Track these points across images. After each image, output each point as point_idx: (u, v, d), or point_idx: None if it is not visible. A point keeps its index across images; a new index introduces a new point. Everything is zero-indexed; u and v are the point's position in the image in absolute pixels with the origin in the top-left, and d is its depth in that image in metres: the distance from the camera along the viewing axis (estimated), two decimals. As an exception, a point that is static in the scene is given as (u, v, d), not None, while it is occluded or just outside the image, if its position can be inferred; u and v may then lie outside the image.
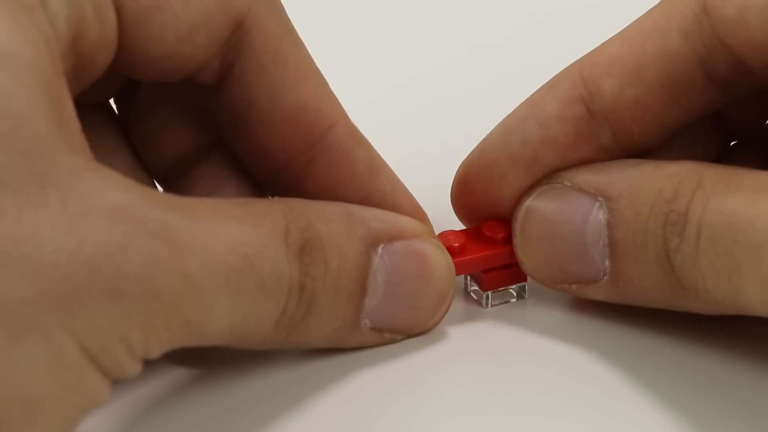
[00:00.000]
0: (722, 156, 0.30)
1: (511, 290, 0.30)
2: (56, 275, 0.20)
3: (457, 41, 0.48)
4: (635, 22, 0.27)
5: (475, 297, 0.30)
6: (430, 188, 0.30)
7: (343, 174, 0.27)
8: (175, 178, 0.29)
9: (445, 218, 0.30)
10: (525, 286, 0.30)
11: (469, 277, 0.30)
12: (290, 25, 0.27)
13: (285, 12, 0.27)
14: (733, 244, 0.24)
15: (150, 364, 0.22)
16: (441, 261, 0.28)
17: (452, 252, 0.28)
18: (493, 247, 0.29)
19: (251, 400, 0.26)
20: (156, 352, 0.22)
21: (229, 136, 0.28)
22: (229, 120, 0.27)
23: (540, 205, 0.28)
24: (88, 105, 0.27)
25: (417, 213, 0.29)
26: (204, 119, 0.29)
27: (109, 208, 0.21)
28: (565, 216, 0.27)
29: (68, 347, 0.20)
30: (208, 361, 0.27)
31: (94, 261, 0.20)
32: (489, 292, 0.30)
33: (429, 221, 0.29)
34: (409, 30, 0.49)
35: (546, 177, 0.28)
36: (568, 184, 0.28)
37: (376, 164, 0.28)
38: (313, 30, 0.28)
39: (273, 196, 0.29)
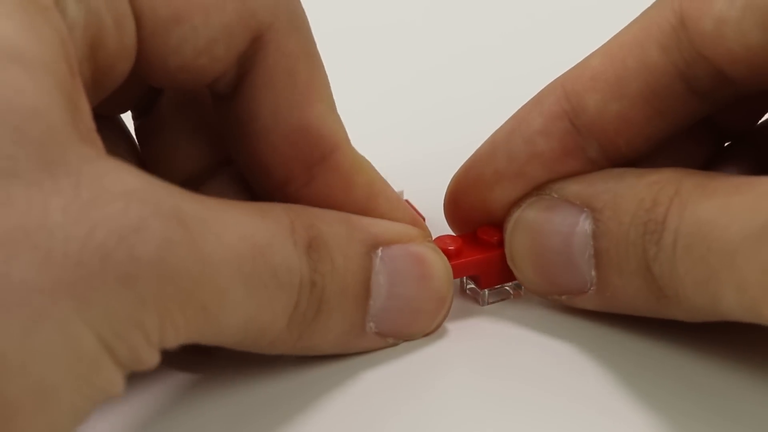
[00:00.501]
0: (716, 157, 0.30)
1: (507, 287, 0.30)
2: (68, 263, 0.19)
3: (455, 41, 0.47)
4: (616, 36, 0.27)
5: (471, 294, 0.30)
6: (429, 191, 0.31)
7: (341, 198, 0.27)
8: None
9: (444, 221, 0.30)
10: (521, 283, 0.30)
11: (466, 274, 0.30)
12: (310, 46, 0.26)
13: (309, 32, 0.26)
14: (707, 251, 0.24)
15: (157, 371, 0.22)
16: (439, 263, 0.28)
17: (449, 255, 0.28)
18: (489, 250, 0.29)
19: (257, 406, 0.26)
20: (172, 340, 0.21)
21: (234, 148, 0.28)
22: (234, 131, 0.27)
23: (528, 216, 0.28)
24: (102, 116, 0.27)
25: (415, 225, 0.29)
26: (214, 137, 0.29)
27: (122, 191, 0.20)
28: (552, 227, 0.28)
29: (84, 336, 0.19)
30: (213, 367, 0.27)
31: (106, 246, 0.20)
32: (486, 290, 0.30)
33: (428, 230, 0.29)
34: (408, 30, 0.48)
35: (535, 189, 0.28)
36: (556, 195, 0.28)
37: (375, 190, 0.28)
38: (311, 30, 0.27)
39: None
